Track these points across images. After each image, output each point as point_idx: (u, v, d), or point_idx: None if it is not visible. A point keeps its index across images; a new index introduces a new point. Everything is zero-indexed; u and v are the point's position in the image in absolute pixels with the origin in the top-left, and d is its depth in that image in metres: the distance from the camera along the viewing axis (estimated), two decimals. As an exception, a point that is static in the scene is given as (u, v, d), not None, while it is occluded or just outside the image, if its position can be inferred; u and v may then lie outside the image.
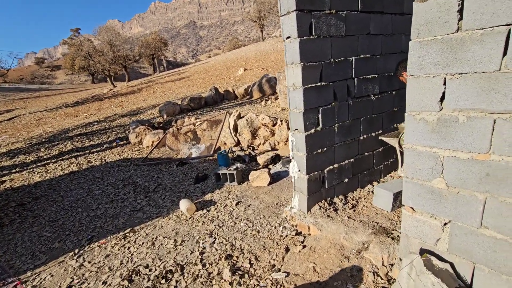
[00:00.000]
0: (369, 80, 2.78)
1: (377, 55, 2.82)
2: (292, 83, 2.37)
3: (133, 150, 7.09)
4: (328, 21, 2.31)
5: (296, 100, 2.37)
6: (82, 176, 5.66)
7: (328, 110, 2.51)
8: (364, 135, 2.89)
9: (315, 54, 2.30)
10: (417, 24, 1.46)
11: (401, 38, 3.04)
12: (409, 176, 1.66)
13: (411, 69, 1.53)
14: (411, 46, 1.51)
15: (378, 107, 2.96)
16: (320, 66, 2.36)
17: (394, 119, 3.21)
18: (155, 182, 4.69)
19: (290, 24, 2.19)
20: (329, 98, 2.49)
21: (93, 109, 17.50)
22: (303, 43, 2.21)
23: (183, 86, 19.10)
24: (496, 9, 1.19)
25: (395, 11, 2.87)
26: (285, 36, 2.29)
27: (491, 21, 1.21)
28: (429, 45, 1.43)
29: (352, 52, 2.58)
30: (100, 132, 9.55)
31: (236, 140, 5.74)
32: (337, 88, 2.53)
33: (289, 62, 2.34)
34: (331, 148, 2.62)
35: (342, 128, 2.66)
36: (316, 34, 2.27)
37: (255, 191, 3.74)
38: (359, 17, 2.55)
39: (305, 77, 2.28)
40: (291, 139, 2.53)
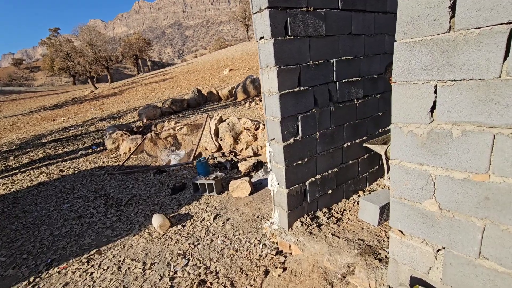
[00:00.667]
0: (352, 83, 2.59)
1: (360, 57, 2.63)
2: (267, 89, 2.14)
3: (110, 157, 6.69)
4: (305, 19, 2.10)
5: (273, 107, 2.14)
6: (51, 187, 5.25)
7: (308, 118, 2.29)
8: (348, 143, 2.70)
9: (292, 56, 2.08)
10: (402, 23, 1.26)
11: (384, 39, 2.87)
12: (396, 195, 1.45)
13: (396, 74, 1.32)
14: (396, 48, 1.31)
15: (362, 112, 2.78)
16: (298, 69, 2.14)
17: (379, 123, 3.03)
18: (129, 194, 4.36)
19: (263, 22, 1.96)
20: (309, 104, 2.27)
21: (71, 112, 16.77)
22: (278, 44, 1.98)
23: (167, 87, 18.62)
24: (495, 4, 0.99)
25: (377, 9, 2.69)
26: (258, 36, 2.05)
27: (489, 19, 1.01)
28: (417, 47, 1.22)
29: (333, 53, 2.38)
30: (76, 137, 9.05)
31: (218, 145, 5.47)
32: (317, 93, 2.32)
33: (263, 65, 2.11)
34: (312, 159, 2.41)
35: (324, 136, 2.46)
36: (293, 34, 2.05)
37: (235, 202, 3.49)
38: (339, 15, 2.34)
39: (282, 82, 2.06)
40: (269, 150, 2.30)
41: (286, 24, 2.00)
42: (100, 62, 31.29)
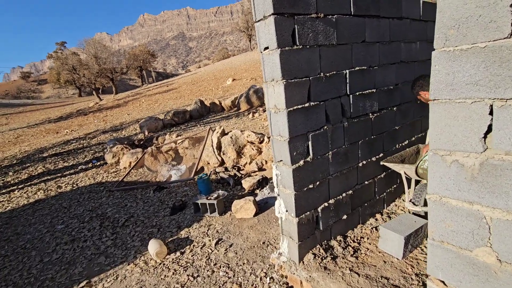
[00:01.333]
0: (366, 96, 2.34)
1: (374, 67, 2.38)
2: (273, 105, 1.89)
3: (109, 172, 6.47)
4: (315, 27, 1.86)
5: (280, 125, 1.89)
6: (47, 206, 5.02)
7: (320, 136, 2.03)
8: (363, 161, 2.42)
9: (300, 68, 1.84)
10: (443, 27, 1.01)
11: (400, 46, 2.63)
12: (436, 238, 1.17)
13: (436, 90, 1.06)
14: (435, 59, 1.05)
15: (378, 127, 2.51)
16: (308, 82, 1.90)
17: (396, 138, 2.76)
18: (126, 213, 4.10)
19: (267, 31, 1.73)
20: (320, 120, 2.02)
21: (75, 124, 16.78)
22: (285, 55, 1.74)
23: (170, 98, 18.60)
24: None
25: (392, 14, 2.46)
26: (262, 46, 1.82)
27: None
28: (464, 57, 0.97)
29: (345, 64, 2.13)
30: (77, 151, 8.89)
31: (220, 159, 5.22)
32: (329, 108, 2.07)
33: (268, 78, 1.87)
34: (325, 181, 2.14)
35: (337, 156, 2.19)
36: (301, 43, 1.81)
37: (238, 225, 3.21)
38: (352, 22, 2.11)
39: (290, 97, 1.81)
40: (276, 173, 2.04)
41: (293, 32, 1.77)
42: (105, 74, 31.67)
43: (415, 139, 3.02)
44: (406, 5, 2.60)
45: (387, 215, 2.63)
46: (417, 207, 2.29)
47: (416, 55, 2.86)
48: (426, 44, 2.98)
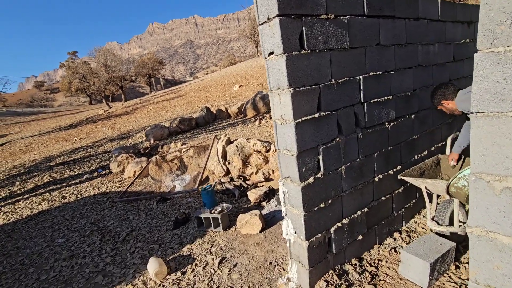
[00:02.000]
0: (382, 103, 2.13)
1: (390, 71, 2.18)
2: (279, 116, 1.71)
3: (114, 181, 6.37)
4: (325, 29, 1.68)
5: (287, 138, 1.70)
6: (50, 217, 4.92)
7: (332, 149, 1.83)
8: (379, 175, 2.21)
9: (309, 74, 1.65)
10: (490, 23, 0.81)
11: (417, 49, 2.42)
12: (481, 281, 0.95)
13: (479, 101, 0.86)
14: (479, 62, 0.85)
15: (395, 137, 2.29)
16: (318, 90, 1.71)
17: (415, 149, 2.53)
18: (128, 227, 3.95)
19: (272, 35, 1.55)
20: (331, 132, 1.82)
21: (84, 132, 16.95)
22: (292, 61, 1.56)
23: (178, 105, 18.66)
24: None
25: (408, 15, 2.26)
26: (266, 51, 1.65)
27: None
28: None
29: (358, 69, 1.94)
30: (84, 160, 8.87)
31: (226, 169, 5.05)
32: (341, 118, 1.87)
33: (273, 86, 1.69)
34: (337, 199, 1.93)
35: (351, 170, 1.98)
36: (310, 47, 1.63)
37: (244, 241, 3.01)
38: (365, 23, 1.92)
39: (297, 107, 1.62)
40: (283, 190, 1.84)
41: (301, 35, 1.59)
42: (115, 82, 32.23)
43: (435, 149, 2.78)
44: (423, 4, 2.40)
45: (407, 234, 2.39)
46: (441, 227, 2.05)
47: (434, 58, 2.64)
48: (444, 46, 2.76)
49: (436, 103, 2.11)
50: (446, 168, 2.64)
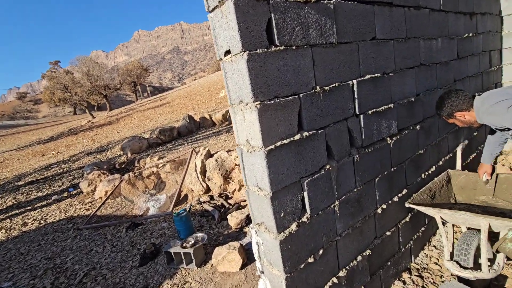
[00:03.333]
0: (381, 114, 1.66)
1: (389, 73, 1.72)
2: (245, 140, 1.21)
3: (84, 202, 5.73)
4: (303, 17, 1.20)
5: (256, 172, 1.20)
6: (2, 252, 4.26)
7: (320, 181, 1.34)
8: (382, 205, 1.73)
9: (284, 81, 1.17)
10: None
11: (419, 44, 1.98)
12: None
13: None
14: None
15: (398, 155, 1.83)
16: (297, 102, 1.22)
17: (421, 166, 2.08)
18: (88, 263, 3.36)
19: (226, 25, 1.06)
20: (319, 158, 1.33)
21: (63, 145, 16.07)
22: (257, 62, 1.07)
23: (163, 113, 18.04)
24: None
25: (407, 2, 1.82)
26: (221, 50, 1.15)
27: None
28: None
29: (351, 71, 1.47)
30: (55, 177, 8.15)
31: (205, 186, 4.51)
32: (331, 138, 1.39)
33: (234, 100, 1.19)
34: (331, 246, 1.44)
35: (347, 205, 1.50)
36: (283, 42, 1.15)
37: (221, 283, 2.48)
38: (357, 10, 1.46)
39: (269, 127, 1.13)
40: (256, 240, 1.34)
41: (269, 25, 1.11)
42: (98, 91, 31.31)
43: (443, 163, 2.34)
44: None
45: (418, 274, 1.91)
46: (465, 272, 1.58)
47: (437, 55, 2.21)
48: (447, 41, 2.34)
49: (448, 116, 1.66)
50: (457, 185, 2.20)
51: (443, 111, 1.67)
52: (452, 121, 1.70)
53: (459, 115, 1.62)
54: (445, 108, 1.65)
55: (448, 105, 1.64)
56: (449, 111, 1.64)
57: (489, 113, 1.46)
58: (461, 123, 1.67)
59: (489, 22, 3.17)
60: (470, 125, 1.65)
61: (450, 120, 1.70)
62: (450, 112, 1.64)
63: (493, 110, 1.44)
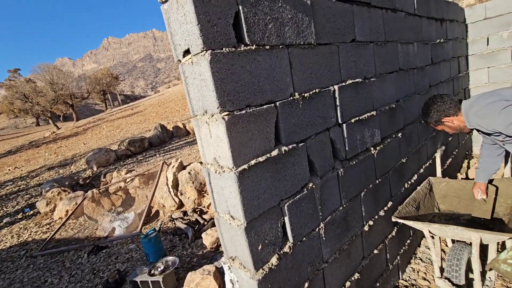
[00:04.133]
0: (364, 122, 1.53)
1: (370, 78, 1.60)
2: (212, 158, 1.00)
3: (41, 224, 5.14)
4: (277, 11, 1.03)
5: (228, 197, 0.99)
6: None
7: (303, 202, 1.16)
8: (369, 221, 1.58)
9: (257, 86, 0.98)
10: None
11: (397, 48, 1.89)
12: None
13: None
14: None
15: (382, 165, 1.71)
16: (274, 112, 1.04)
17: (404, 175, 1.98)
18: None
19: (184, 18, 0.85)
20: (301, 175, 1.15)
21: (22, 159, 14.75)
22: (222, 63, 0.87)
23: (134, 122, 17.27)
24: None
25: (384, 4, 1.73)
26: (179, 50, 0.94)
27: None
28: None
29: (331, 75, 1.32)
30: (10, 196, 7.34)
31: (178, 201, 4.19)
32: (314, 151, 1.22)
33: (197, 109, 0.98)
34: (318, 276, 1.25)
35: (333, 226, 1.32)
36: (254, 40, 0.96)
37: (194, 314, 2.20)
38: (336, 9, 1.32)
39: (240, 143, 0.93)
40: (230, 278, 1.12)
41: (237, 20, 0.92)
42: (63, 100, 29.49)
43: (424, 171, 2.27)
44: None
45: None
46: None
47: (414, 60, 2.15)
48: (422, 46, 2.30)
49: (435, 123, 1.56)
50: (439, 193, 2.13)
51: (430, 117, 1.57)
52: (441, 128, 1.60)
53: (447, 120, 1.52)
54: (431, 115, 1.55)
55: (434, 111, 1.53)
56: (436, 117, 1.53)
57: (479, 116, 1.36)
58: (450, 129, 1.57)
59: (456, 29, 3.24)
60: (460, 130, 1.55)
61: (439, 127, 1.59)
62: (437, 118, 1.53)
63: (483, 112, 1.33)
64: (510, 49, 3.47)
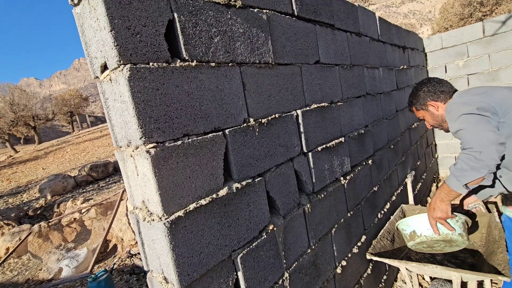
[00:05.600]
0: (332, 150, 1.39)
1: (337, 102, 1.49)
2: (140, 202, 0.77)
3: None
4: (225, 24, 0.88)
5: (159, 253, 0.76)
6: None
7: (261, 250, 0.95)
8: (342, 261, 1.40)
9: (198, 110, 0.79)
10: None
11: (363, 73, 1.83)
12: None
13: None
14: None
15: (353, 196, 1.56)
16: (222, 141, 0.85)
17: (377, 205, 1.85)
18: None
19: (97, 24, 0.66)
20: (258, 217, 0.95)
21: (-33, 187, 13.18)
22: (147, 82, 0.68)
23: (102, 145, 16.33)
24: None
25: (349, 27, 1.68)
26: (95, 63, 0.74)
27: None
28: None
29: (294, 99, 1.18)
30: None
31: (139, 234, 3.77)
32: (274, 186, 1.03)
33: (121, 139, 0.77)
34: None
35: (300, 274, 1.12)
36: (195, 55, 0.79)
37: None
38: (297, 27, 1.20)
39: (174, 184, 0.72)
40: None
41: (172, 30, 0.74)
42: (25, 122, 27.53)
43: (396, 198, 2.17)
44: (363, 18, 1.87)
45: None
46: None
47: (380, 85, 2.12)
48: (387, 71, 2.30)
49: (419, 105, 1.38)
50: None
51: (417, 97, 1.38)
52: (422, 115, 1.42)
53: (433, 104, 1.33)
54: (420, 93, 1.37)
55: (425, 91, 1.35)
56: (423, 98, 1.34)
57: (446, 110, 1.22)
58: (431, 119, 1.39)
59: (417, 57, 3.37)
60: (440, 123, 1.39)
61: (420, 112, 1.41)
62: (424, 100, 1.35)
63: (450, 108, 1.19)
64: (466, 77, 3.66)
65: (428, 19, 32.70)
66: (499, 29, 3.29)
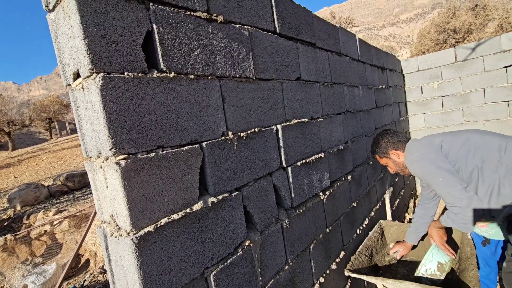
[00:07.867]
0: (312, 165, 1.40)
1: (317, 118, 1.52)
2: (109, 216, 0.74)
3: None
4: (206, 38, 0.88)
5: (127, 271, 0.72)
6: None
7: (236, 267, 0.92)
8: (320, 278, 1.38)
9: (174, 122, 0.78)
10: None
11: (343, 90, 1.89)
12: None
13: None
14: None
15: (333, 211, 1.57)
16: (199, 154, 0.84)
17: (355, 221, 1.87)
18: None
19: (70, 31, 0.65)
20: (233, 232, 0.93)
21: None
22: (120, 92, 0.66)
23: (80, 154, 15.74)
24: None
25: (330, 47, 1.74)
26: (68, 71, 0.72)
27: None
28: None
29: (274, 114, 1.19)
30: None
31: (114, 248, 3.60)
32: (252, 201, 1.02)
33: (91, 150, 0.74)
34: None
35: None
36: (173, 67, 0.78)
37: None
38: (279, 44, 1.23)
39: (144, 197, 0.69)
40: None
41: (150, 38, 0.74)
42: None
43: (375, 214, 2.20)
44: (344, 38, 1.95)
45: None
46: None
47: (359, 103, 2.19)
48: (367, 90, 2.38)
49: (382, 154, 1.51)
50: (391, 238, 2.05)
51: (379, 147, 1.51)
52: (385, 162, 1.55)
53: (394, 153, 1.47)
54: (381, 143, 1.50)
55: (386, 141, 1.49)
56: (385, 148, 1.48)
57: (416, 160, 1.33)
58: (393, 166, 1.52)
59: (395, 78, 3.53)
60: (402, 170, 1.50)
61: (384, 160, 1.54)
62: (385, 149, 1.48)
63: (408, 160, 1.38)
64: (440, 98, 3.86)
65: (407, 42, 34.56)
66: (469, 55, 3.52)
